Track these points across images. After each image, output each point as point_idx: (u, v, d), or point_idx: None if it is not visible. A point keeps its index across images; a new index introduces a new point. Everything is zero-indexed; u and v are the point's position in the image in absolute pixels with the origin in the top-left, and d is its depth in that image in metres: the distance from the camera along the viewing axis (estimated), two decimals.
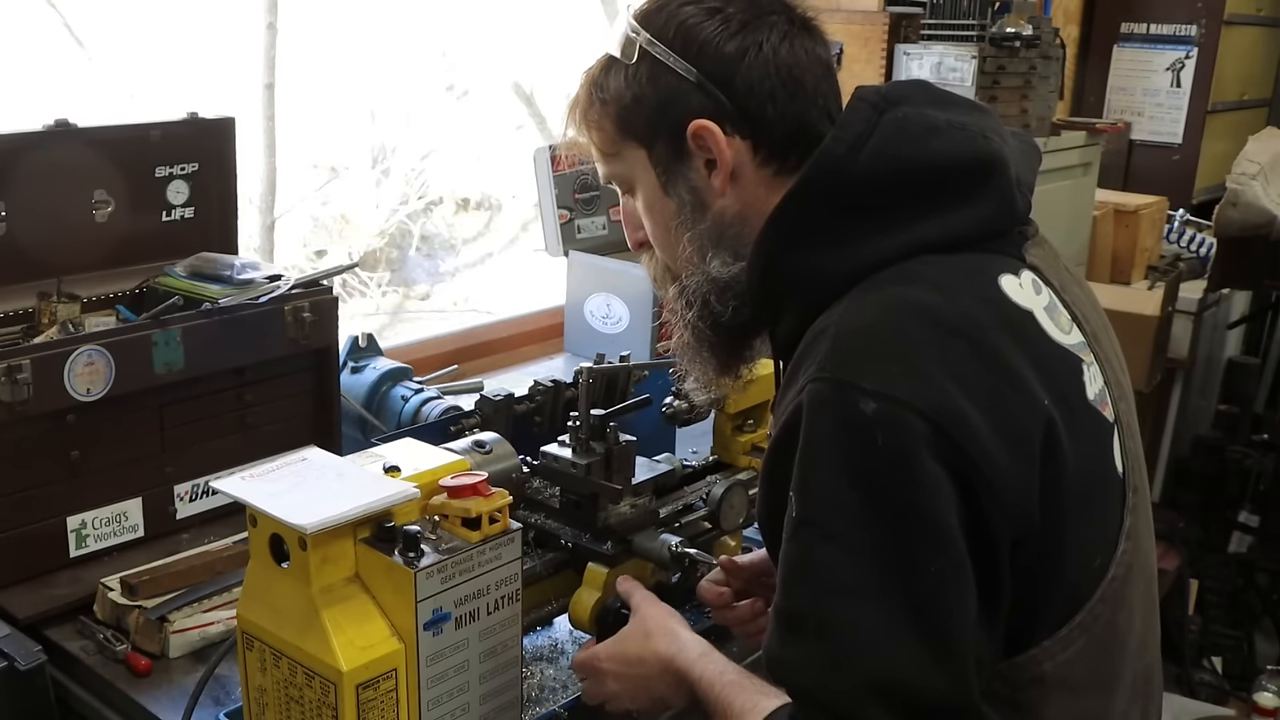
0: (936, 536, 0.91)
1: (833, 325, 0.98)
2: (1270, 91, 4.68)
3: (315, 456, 1.17)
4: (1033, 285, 1.04)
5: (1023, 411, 0.95)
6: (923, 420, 0.91)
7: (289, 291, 1.73)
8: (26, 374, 1.46)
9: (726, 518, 1.51)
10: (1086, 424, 1.01)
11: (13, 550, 1.52)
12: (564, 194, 2.67)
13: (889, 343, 0.95)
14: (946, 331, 0.96)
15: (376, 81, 3.74)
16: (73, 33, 2.85)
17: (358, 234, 4.23)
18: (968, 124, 1.06)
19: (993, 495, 0.92)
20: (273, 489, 1.09)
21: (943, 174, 1.04)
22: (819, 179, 1.05)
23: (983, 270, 1.02)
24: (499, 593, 1.15)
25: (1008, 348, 0.97)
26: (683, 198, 1.15)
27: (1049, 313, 1.04)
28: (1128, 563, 1.04)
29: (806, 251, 1.06)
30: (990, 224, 1.05)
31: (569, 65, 3.87)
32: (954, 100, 1.11)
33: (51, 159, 1.66)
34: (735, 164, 1.12)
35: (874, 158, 1.03)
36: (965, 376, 0.93)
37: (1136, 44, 4.26)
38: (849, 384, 0.93)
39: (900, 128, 1.04)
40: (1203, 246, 3.73)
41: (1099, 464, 1.02)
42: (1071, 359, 1.03)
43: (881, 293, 0.99)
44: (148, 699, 1.36)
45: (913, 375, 0.92)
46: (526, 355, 2.71)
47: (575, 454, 1.41)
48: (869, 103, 1.06)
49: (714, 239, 1.15)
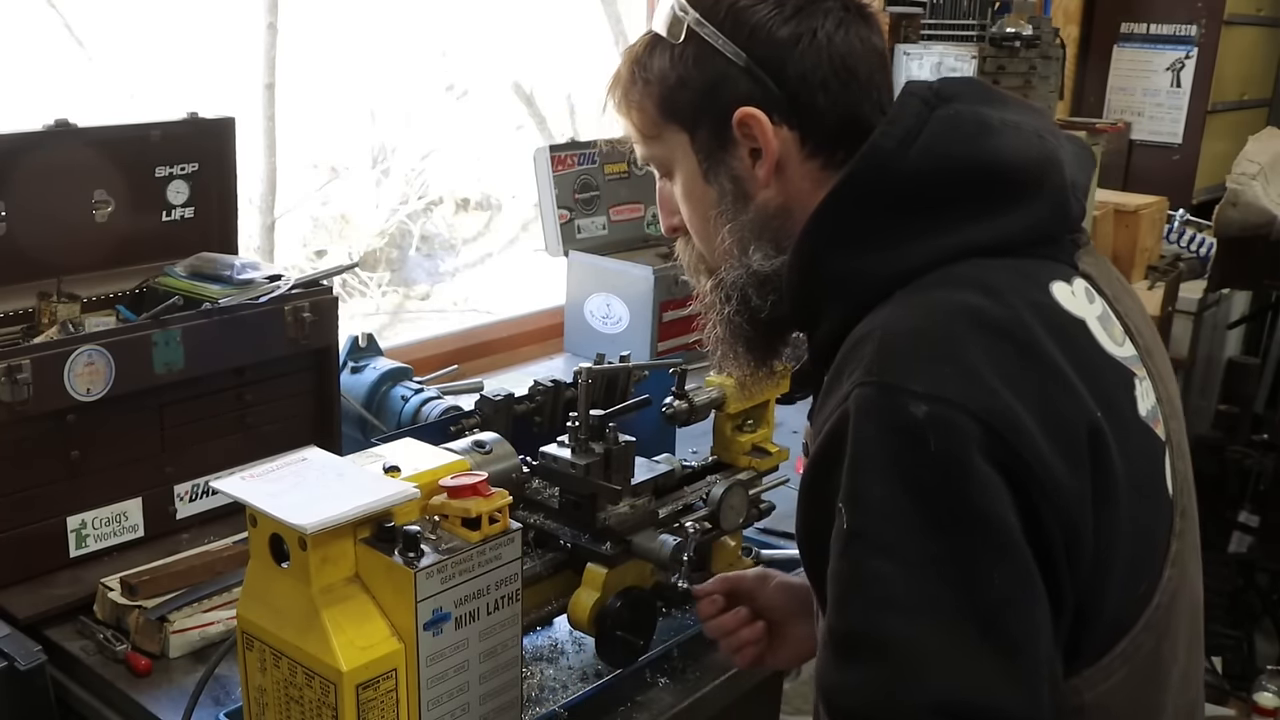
0: (999, 542, 0.85)
1: (877, 329, 0.94)
2: (1270, 91, 4.68)
3: (315, 456, 1.17)
4: (1085, 293, 1.00)
5: (1073, 417, 0.91)
6: (975, 421, 0.86)
7: (289, 291, 1.73)
8: (26, 374, 1.46)
9: (726, 518, 1.51)
10: (1137, 439, 0.96)
11: (13, 550, 1.52)
12: (564, 194, 2.67)
13: (937, 345, 0.91)
14: (994, 333, 0.91)
15: (376, 81, 3.74)
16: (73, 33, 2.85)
17: (358, 234, 4.23)
18: (1022, 123, 1.02)
19: (1047, 499, 0.87)
20: (273, 489, 1.09)
21: (995, 174, 0.99)
22: (865, 175, 1.00)
23: (1034, 275, 0.98)
24: (499, 593, 1.15)
25: (1057, 353, 0.93)
26: (724, 186, 1.10)
27: (1102, 322, 0.99)
28: (1173, 590, 0.98)
29: (850, 252, 1.01)
30: (1043, 228, 1.00)
31: (569, 65, 3.88)
32: (1007, 99, 1.07)
33: (51, 159, 1.66)
34: (781, 155, 1.07)
35: (924, 155, 0.99)
36: (1014, 378, 0.89)
37: (1136, 44, 4.26)
38: (897, 387, 0.88)
39: (952, 125, 1.00)
40: (1203, 246, 3.73)
41: (1149, 482, 0.97)
42: (1124, 371, 0.98)
43: (927, 296, 0.95)
44: (148, 699, 1.36)
45: (962, 376, 0.88)
46: (526, 355, 2.71)
47: (575, 454, 1.41)
48: (920, 98, 1.02)
49: (755, 231, 1.10)
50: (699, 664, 1.46)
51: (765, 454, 1.63)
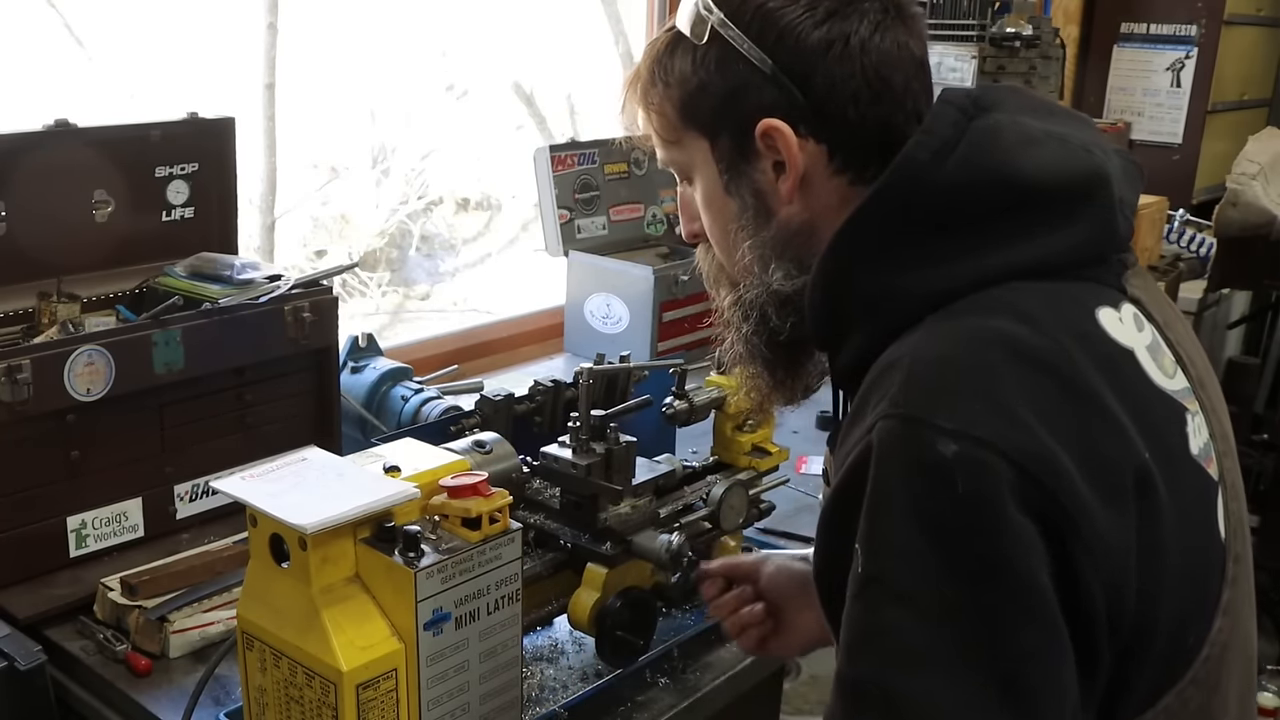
0: (1027, 599, 0.79)
1: (906, 356, 0.88)
2: (1270, 91, 4.68)
3: (315, 456, 1.17)
4: (1134, 321, 0.93)
5: (1118, 459, 0.84)
6: (1008, 463, 0.79)
7: (289, 291, 1.73)
8: (26, 374, 1.46)
9: (726, 518, 1.51)
10: (1188, 480, 0.90)
11: (13, 550, 1.52)
12: (564, 194, 2.67)
13: (969, 377, 0.84)
14: (1032, 365, 0.84)
15: (376, 81, 3.74)
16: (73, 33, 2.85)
17: (358, 234, 4.23)
18: (1068, 135, 0.95)
19: (1088, 551, 0.80)
20: (273, 489, 1.09)
21: (1039, 190, 0.92)
22: (897, 189, 0.94)
23: (1079, 301, 0.91)
24: (499, 593, 1.15)
25: (1102, 388, 0.86)
26: (745, 200, 1.03)
27: (1151, 353, 0.92)
28: (1224, 641, 0.91)
29: (878, 271, 0.94)
30: (1089, 249, 0.94)
31: (569, 65, 3.88)
32: (1052, 108, 1.00)
33: (51, 159, 1.66)
34: (807, 169, 1.00)
35: (961, 168, 0.92)
36: (1053, 416, 0.82)
37: (1136, 44, 4.25)
38: (925, 422, 0.82)
39: (992, 136, 0.93)
40: (1203, 246, 3.73)
41: (1200, 526, 0.91)
42: (1175, 406, 0.91)
43: (960, 322, 0.88)
44: (148, 699, 1.36)
45: (996, 413, 0.82)
46: (526, 355, 2.71)
47: (576, 454, 1.41)
48: (957, 107, 0.95)
49: (777, 249, 1.03)
50: (699, 664, 1.46)
51: (765, 454, 1.63)
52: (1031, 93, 1.02)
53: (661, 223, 2.89)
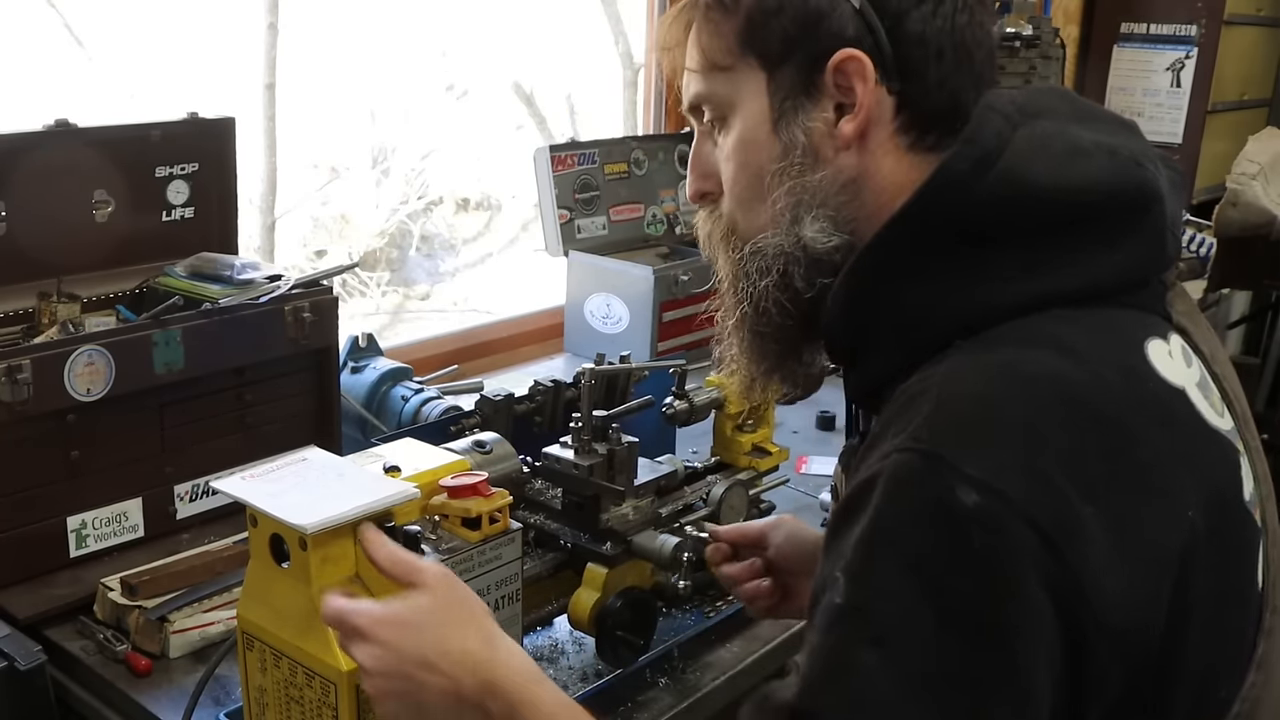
0: (1016, 681, 0.73)
1: (936, 386, 0.80)
2: (1270, 91, 4.68)
3: (315, 456, 1.17)
4: (1183, 355, 0.87)
5: (1160, 529, 0.78)
6: (1033, 531, 0.73)
7: (289, 291, 1.73)
8: (26, 374, 1.46)
9: (726, 518, 1.51)
10: (1236, 531, 0.85)
11: (13, 550, 1.52)
12: (564, 194, 2.67)
13: (1005, 422, 0.77)
14: (1077, 414, 0.78)
15: (376, 81, 3.74)
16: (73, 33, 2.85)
17: (358, 234, 4.23)
18: (1118, 147, 0.88)
19: (1105, 637, 0.75)
20: (273, 489, 1.09)
21: (1088, 207, 0.85)
22: (935, 200, 0.86)
23: (1126, 332, 0.85)
24: (499, 593, 1.15)
25: (1152, 439, 0.79)
26: (794, 139, 0.93)
27: (1202, 390, 0.86)
28: (1255, 697, 0.86)
29: (909, 288, 0.87)
30: (1134, 272, 0.87)
31: (569, 65, 3.89)
32: (1100, 115, 0.93)
33: (51, 159, 1.66)
34: (872, 117, 0.92)
35: (1004, 181, 0.85)
36: (1093, 479, 0.76)
37: (1136, 44, 4.25)
38: (948, 463, 0.75)
39: (1039, 146, 0.86)
40: (1203, 246, 3.73)
41: (1239, 579, 0.86)
42: (1229, 448, 0.86)
43: (999, 354, 0.81)
44: (148, 699, 1.36)
45: (1029, 469, 0.75)
46: (526, 355, 2.71)
47: (578, 455, 1.41)
48: (1001, 113, 0.88)
49: (819, 198, 0.93)
50: (699, 664, 1.46)
51: (765, 454, 1.63)
52: (1078, 97, 0.95)
53: (661, 223, 2.89)
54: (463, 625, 0.93)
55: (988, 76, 0.95)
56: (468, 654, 0.91)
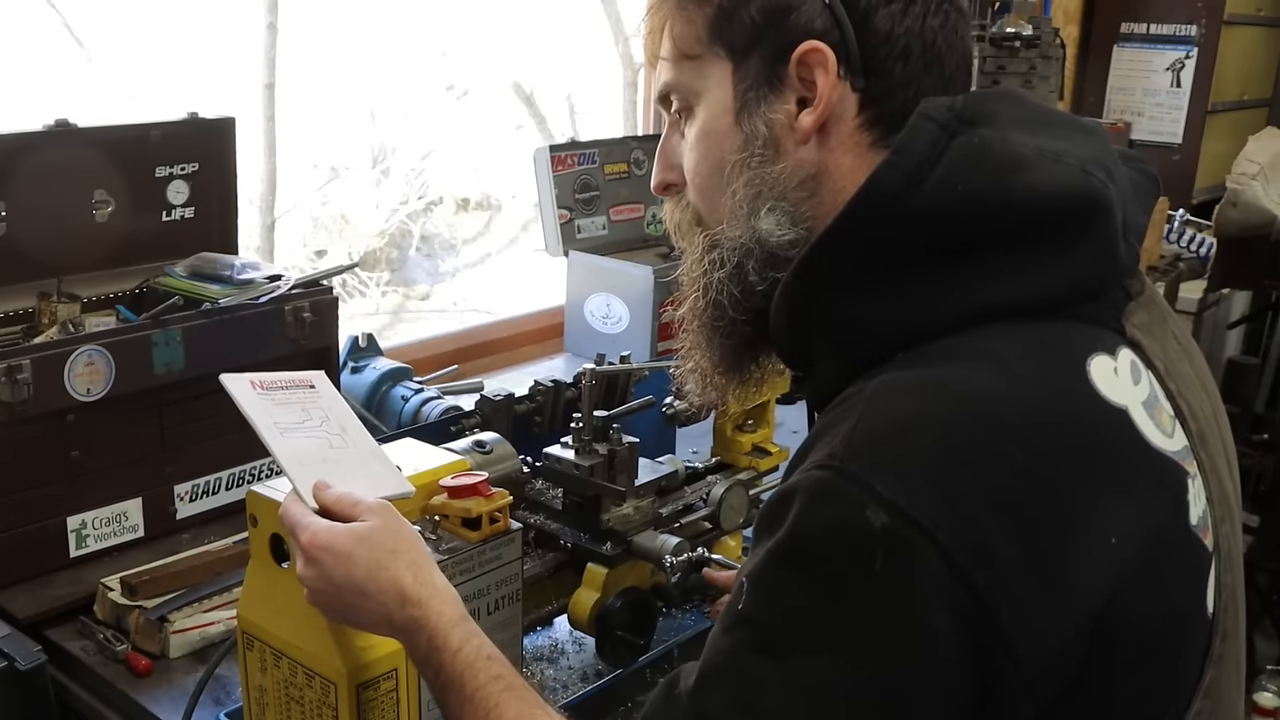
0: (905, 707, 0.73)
1: (862, 403, 0.79)
2: (1270, 91, 4.68)
3: (321, 385, 1.15)
4: (1130, 370, 0.84)
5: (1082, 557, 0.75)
6: (940, 557, 0.71)
7: (289, 291, 1.73)
8: (26, 374, 1.46)
9: (726, 518, 1.51)
10: (1179, 557, 0.82)
11: (13, 550, 1.52)
12: (564, 194, 2.67)
13: (923, 444, 0.75)
14: (1000, 438, 0.76)
15: (376, 81, 3.74)
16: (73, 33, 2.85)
17: (358, 234, 4.23)
18: (1064, 152, 0.85)
19: (1017, 665, 0.73)
20: (277, 417, 1.08)
21: (1027, 217, 0.83)
22: (865, 215, 0.85)
23: (1068, 348, 0.82)
24: (499, 593, 1.15)
25: (1079, 465, 0.77)
26: (756, 130, 0.93)
27: (1148, 409, 0.83)
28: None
29: (846, 301, 0.86)
30: (1084, 283, 0.85)
31: (569, 65, 3.89)
32: (1051, 119, 0.90)
33: (51, 159, 1.66)
34: (835, 112, 0.90)
35: (939, 192, 0.82)
36: (1010, 505, 0.74)
37: (1136, 44, 4.25)
38: (860, 480, 0.74)
39: (975, 156, 0.83)
40: (1203, 246, 3.73)
41: (1182, 609, 0.83)
42: (1174, 472, 0.82)
43: (931, 371, 0.80)
44: (148, 699, 1.36)
45: (943, 495, 0.73)
46: (526, 355, 2.71)
47: (579, 455, 1.41)
48: (937, 122, 0.85)
49: (776, 191, 0.92)
50: None
51: (765, 454, 1.63)
52: (1027, 99, 0.93)
53: (661, 223, 2.88)
54: (397, 557, 0.97)
55: (960, 83, 0.93)
56: (398, 587, 0.96)
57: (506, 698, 0.90)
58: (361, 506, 1.00)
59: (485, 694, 0.91)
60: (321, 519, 1.00)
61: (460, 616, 0.96)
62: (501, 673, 0.92)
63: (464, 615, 0.96)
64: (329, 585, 0.97)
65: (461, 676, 0.92)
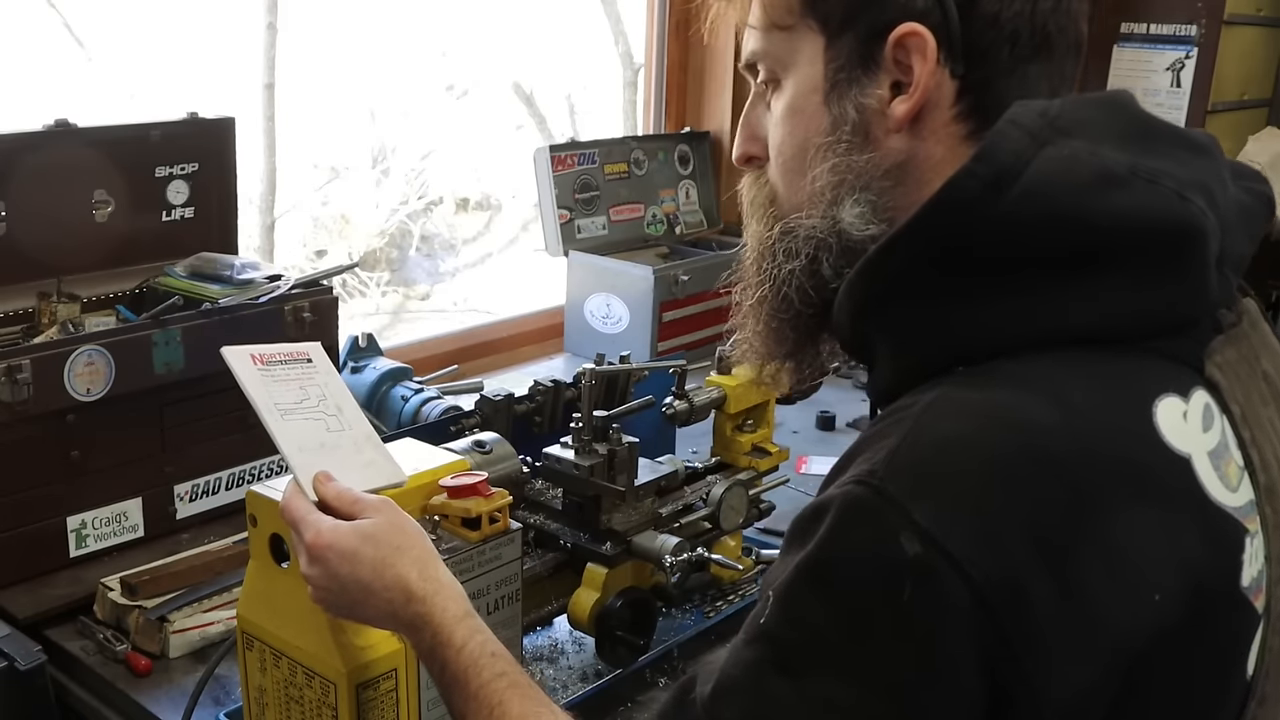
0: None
1: (912, 419, 0.75)
2: (1270, 91, 4.68)
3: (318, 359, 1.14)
4: (1202, 415, 0.79)
5: (1120, 608, 0.72)
6: (970, 592, 0.69)
7: (289, 291, 1.73)
8: (26, 374, 1.46)
9: (726, 518, 1.51)
10: (1224, 620, 0.78)
11: (13, 550, 1.52)
12: (564, 194, 2.67)
13: (968, 473, 0.72)
14: (1050, 475, 0.72)
15: (376, 81, 3.74)
16: (73, 33, 2.85)
17: (358, 234, 4.23)
18: (1161, 173, 0.78)
19: (1035, 702, 0.70)
20: (277, 396, 1.08)
21: (1109, 241, 0.77)
22: (938, 223, 0.79)
23: (1136, 386, 0.78)
24: (499, 593, 1.15)
25: (1129, 514, 0.73)
26: (845, 114, 0.86)
27: (1214, 459, 0.78)
28: None
29: (914, 306, 0.82)
30: (1165, 317, 0.79)
31: (569, 65, 3.89)
32: (1154, 132, 0.83)
33: (51, 159, 1.66)
34: (931, 99, 0.84)
35: (1019, 204, 0.77)
36: (1050, 547, 0.71)
37: (1136, 44, 4.25)
38: (898, 506, 0.71)
39: (1064, 169, 0.77)
40: None
41: (1220, 670, 0.79)
42: (1231, 529, 0.78)
43: (986, 394, 0.75)
44: (148, 699, 1.36)
45: (982, 531, 0.70)
46: (526, 355, 2.71)
47: (578, 455, 1.41)
48: (1026, 130, 0.79)
49: (862, 181, 0.86)
50: (699, 664, 1.46)
51: (765, 454, 1.63)
52: (1132, 107, 0.85)
53: (661, 223, 2.90)
54: (402, 554, 0.97)
55: (1068, 69, 0.86)
56: (403, 584, 0.96)
57: (510, 695, 0.90)
58: (363, 504, 1.00)
59: (489, 691, 0.90)
60: (325, 516, 0.99)
61: (465, 612, 0.95)
62: (506, 669, 0.92)
63: (469, 611, 0.96)
64: (334, 584, 0.97)
65: (466, 673, 0.91)
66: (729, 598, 1.57)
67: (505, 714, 0.89)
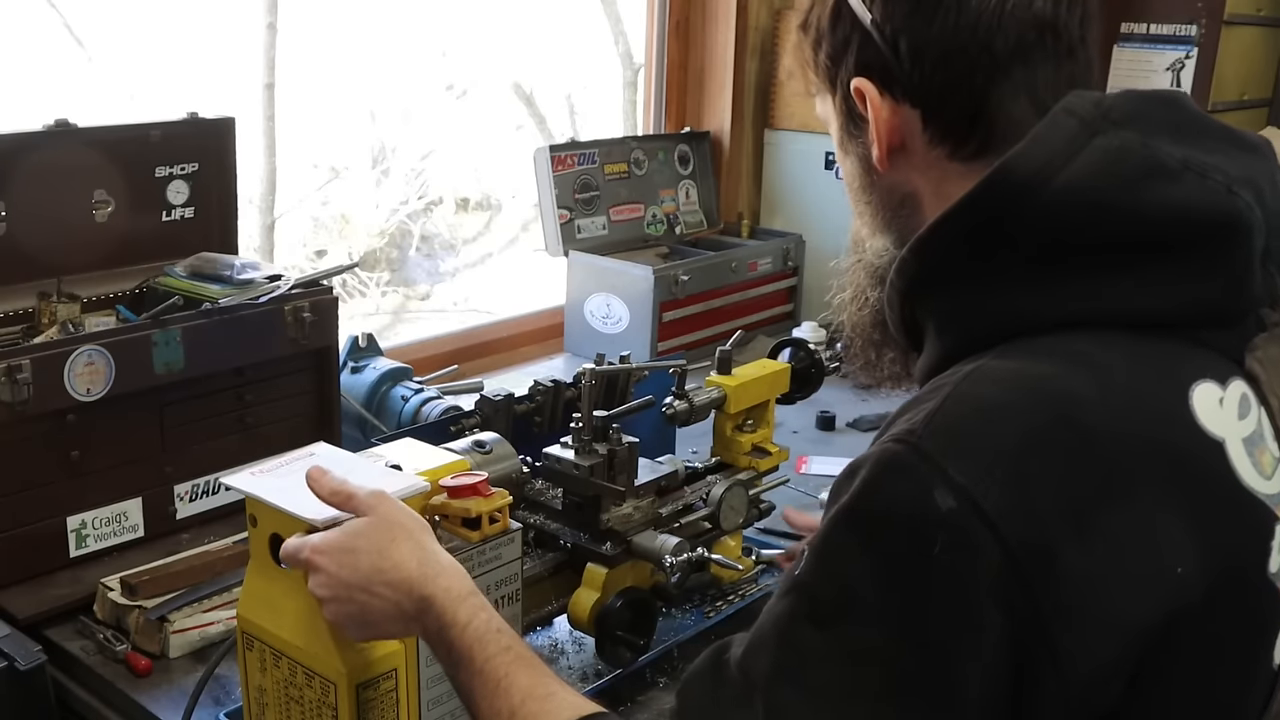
0: (943, 690, 0.71)
1: (952, 384, 0.78)
2: (1270, 91, 4.68)
3: (323, 451, 1.16)
4: (1239, 404, 0.80)
5: (1142, 585, 0.73)
6: (1001, 549, 0.70)
7: (289, 291, 1.73)
8: (26, 374, 1.46)
9: (726, 518, 1.51)
10: (1250, 605, 0.79)
11: (13, 550, 1.52)
12: (564, 194, 2.67)
13: (1005, 434, 0.74)
14: (1083, 442, 0.73)
15: (376, 81, 3.74)
16: (73, 33, 2.85)
17: (358, 234, 4.23)
18: (1212, 167, 0.80)
19: (1058, 673, 0.71)
20: (282, 484, 1.09)
21: (1156, 231, 0.79)
22: (989, 203, 0.82)
23: (1174, 369, 0.79)
24: (499, 593, 1.15)
25: (1158, 491, 0.74)
26: (855, 161, 0.97)
27: (1249, 445, 0.80)
28: None
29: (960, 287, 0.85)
30: (1208, 308, 0.81)
31: (569, 65, 3.88)
32: (1207, 129, 0.85)
33: (51, 159, 1.66)
34: (903, 137, 0.90)
35: (1068, 190, 0.79)
36: (1079, 514, 0.72)
37: (1136, 44, 4.25)
38: (933, 460, 0.73)
39: (1114, 159, 0.80)
40: None
41: (1244, 656, 0.80)
42: (1262, 515, 0.79)
43: (1026, 364, 0.78)
44: (148, 699, 1.36)
45: (1016, 490, 0.71)
46: (526, 355, 2.71)
47: (578, 455, 1.41)
48: (1080, 119, 0.82)
49: (883, 219, 0.97)
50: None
51: (765, 454, 1.63)
52: (1186, 105, 0.87)
53: (661, 223, 2.90)
54: (398, 543, 0.98)
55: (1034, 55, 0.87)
56: (403, 574, 0.96)
57: (517, 668, 0.91)
58: (357, 499, 1.01)
59: (495, 665, 0.91)
60: (316, 535, 1.01)
61: (468, 591, 0.96)
62: (511, 644, 0.93)
63: (472, 590, 0.96)
64: (339, 587, 0.97)
65: (471, 650, 0.92)
66: (729, 598, 1.57)
67: (512, 686, 0.89)
